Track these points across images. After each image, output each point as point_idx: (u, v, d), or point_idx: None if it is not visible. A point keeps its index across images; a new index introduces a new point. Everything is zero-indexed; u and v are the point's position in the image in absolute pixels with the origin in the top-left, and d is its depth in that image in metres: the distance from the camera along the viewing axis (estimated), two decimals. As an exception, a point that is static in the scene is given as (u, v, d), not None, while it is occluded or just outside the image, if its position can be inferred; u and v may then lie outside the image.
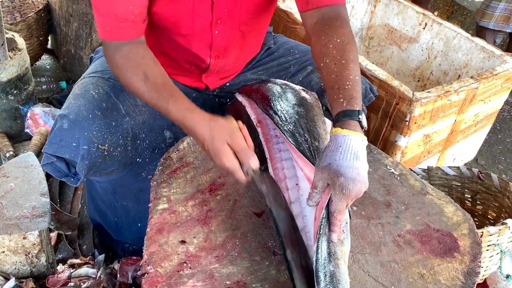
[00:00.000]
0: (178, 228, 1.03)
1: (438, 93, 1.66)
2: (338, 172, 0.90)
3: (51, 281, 1.37)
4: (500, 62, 1.93)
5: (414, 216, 1.10)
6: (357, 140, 0.95)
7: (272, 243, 1.00)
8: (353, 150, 0.93)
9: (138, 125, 1.30)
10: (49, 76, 2.67)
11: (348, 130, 0.96)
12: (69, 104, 1.23)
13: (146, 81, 1.11)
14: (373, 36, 2.54)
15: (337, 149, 0.93)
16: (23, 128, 2.19)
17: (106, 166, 1.25)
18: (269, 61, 1.54)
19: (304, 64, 1.50)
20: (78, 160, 1.18)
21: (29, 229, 1.27)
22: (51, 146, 1.19)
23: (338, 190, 0.90)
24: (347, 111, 0.99)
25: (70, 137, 1.18)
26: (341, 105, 1.01)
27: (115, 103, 1.27)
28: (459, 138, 1.99)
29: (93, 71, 1.36)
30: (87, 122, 1.20)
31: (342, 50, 1.10)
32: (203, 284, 0.91)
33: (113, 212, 1.53)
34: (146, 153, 1.33)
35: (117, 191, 1.46)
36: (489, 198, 1.58)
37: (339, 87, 1.04)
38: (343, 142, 0.94)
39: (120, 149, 1.26)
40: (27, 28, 2.45)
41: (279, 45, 1.58)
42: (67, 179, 1.25)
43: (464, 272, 0.97)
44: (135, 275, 1.44)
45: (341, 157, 0.92)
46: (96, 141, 1.20)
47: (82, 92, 1.26)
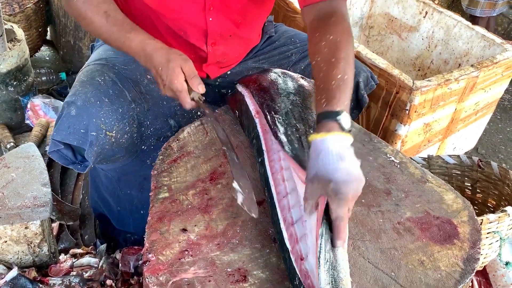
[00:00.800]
0: (179, 216, 1.04)
1: (438, 82, 1.65)
2: (326, 178, 0.85)
3: (53, 271, 1.38)
4: (501, 50, 1.92)
5: (414, 204, 1.11)
6: (336, 140, 0.90)
7: (273, 231, 1.01)
8: (335, 152, 0.88)
9: (143, 113, 1.31)
10: (49, 67, 2.66)
11: (324, 133, 0.91)
12: (75, 91, 1.23)
13: (108, 18, 1.17)
14: (373, 25, 2.53)
15: (318, 156, 0.89)
16: (23, 119, 2.19)
17: (113, 153, 1.26)
18: (271, 49, 1.53)
19: (305, 53, 1.50)
20: (87, 146, 1.18)
21: (31, 219, 1.28)
22: (59, 133, 1.18)
23: (332, 196, 0.85)
24: (325, 113, 0.95)
25: (78, 123, 1.18)
26: (321, 107, 0.97)
27: (121, 89, 1.27)
28: (459, 127, 1.99)
29: (97, 58, 1.36)
30: (95, 108, 1.20)
31: (334, 48, 1.06)
32: (205, 272, 0.91)
33: (116, 201, 1.53)
34: (151, 141, 1.33)
35: (121, 179, 1.47)
36: (489, 186, 1.58)
37: (324, 86, 1.01)
38: (323, 147, 0.89)
39: (126, 136, 1.26)
40: (25, 19, 2.44)
41: (280, 34, 1.58)
42: (74, 166, 1.25)
43: (464, 258, 0.97)
44: (137, 264, 1.45)
45: (325, 162, 0.87)
46: (104, 127, 1.20)
47: (88, 79, 1.26)
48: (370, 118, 1.81)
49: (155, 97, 1.34)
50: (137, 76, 1.33)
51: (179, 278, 0.90)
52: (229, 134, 1.10)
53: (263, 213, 1.05)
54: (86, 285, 1.33)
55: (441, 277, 0.93)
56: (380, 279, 0.92)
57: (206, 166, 1.18)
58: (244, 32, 1.40)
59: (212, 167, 1.18)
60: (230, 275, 0.91)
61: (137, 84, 1.32)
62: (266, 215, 1.04)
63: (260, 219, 1.03)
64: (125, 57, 1.34)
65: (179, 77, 1.11)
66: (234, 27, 1.35)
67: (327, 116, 0.95)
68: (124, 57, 1.34)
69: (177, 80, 1.10)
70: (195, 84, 1.12)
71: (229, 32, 1.35)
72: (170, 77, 1.10)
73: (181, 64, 1.11)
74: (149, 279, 0.89)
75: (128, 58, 1.33)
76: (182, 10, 1.26)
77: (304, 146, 1.09)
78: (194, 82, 1.12)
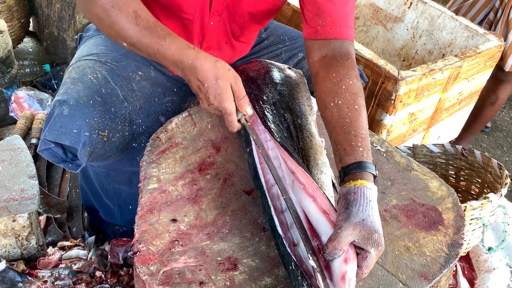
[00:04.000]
0: (169, 207, 1.04)
1: (423, 72, 1.68)
2: (372, 228, 0.86)
3: (42, 263, 1.38)
4: (484, 40, 1.95)
5: (400, 192, 1.13)
6: (376, 194, 0.93)
7: (262, 220, 1.02)
8: (377, 206, 0.91)
9: (135, 111, 1.28)
10: (32, 59, 2.63)
11: (371, 184, 0.93)
12: (67, 89, 1.19)
13: (138, 19, 1.05)
14: (359, 16, 2.54)
15: (368, 204, 0.89)
16: (7, 112, 2.16)
17: (104, 152, 1.24)
18: (260, 49, 1.53)
19: (294, 51, 1.51)
20: (80, 147, 1.15)
21: (18, 212, 1.27)
22: (51, 133, 1.14)
23: (373, 247, 0.85)
24: (367, 163, 0.96)
25: (71, 123, 1.14)
26: (361, 155, 0.97)
27: (113, 88, 1.25)
28: (443, 116, 2.02)
29: (88, 53, 1.33)
30: (88, 108, 1.16)
31: (355, 94, 1.06)
32: (195, 261, 0.92)
33: (105, 194, 1.53)
34: (142, 138, 1.31)
35: (110, 175, 1.45)
36: (472, 174, 1.62)
37: (356, 134, 1.00)
38: (372, 197, 0.91)
39: (118, 134, 1.24)
40: (7, 10, 2.40)
41: (269, 32, 1.58)
42: (64, 164, 1.21)
43: (448, 244, 1.00)
44: (126, 256, 1.45)
45: (373, 213, 0.88)
46: (97, 127, 1.17)
47: (80, 76, 1.23)
48: (356, 108, 1.83)
49: (146, 94, 1.32)
50: (129, 73, 1.31)
51: (170, 267, 0.90)
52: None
53: (252, 202, 1.06)
54: (75, 277, 1.33)
55: (427, 262, 0.95)
56: (367, 265, 0.94)
57: (195, 157, 1.18)
58: (239, 43, 1.40)
59: (201, 158, 1.18)
60: (221, 264, 0.92)
61: (129, 82, 1.29)
62: (255, 204, 1.05)
63: (249, 208, 1.05)
64: (117, 53, 1.32)
65: (230, 98, 1.04)
66: (231, 37, 1.34)
67: (367, 167, 0.95)
68: (115, 53, 1.32)
69: (228, 102, 1.04)
70: (243, 107, 1.07)
71: (225, 39, 1.34)
72: (220, 97, 1.04)
73: (231, 82, 1.05)
74: (140, 269, 0.90)
75: (120, 54, 1.32)
76: (195, 12, 1.23)
77: (292, 135, 1.10)
78: (243, 105, 1.07)
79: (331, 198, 0.98)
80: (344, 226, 0.85)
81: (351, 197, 0.91)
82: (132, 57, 1.33)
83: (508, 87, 2.38)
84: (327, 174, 1.02)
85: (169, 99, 1.37)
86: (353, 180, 0.93)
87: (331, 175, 1.04)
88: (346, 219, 0.87)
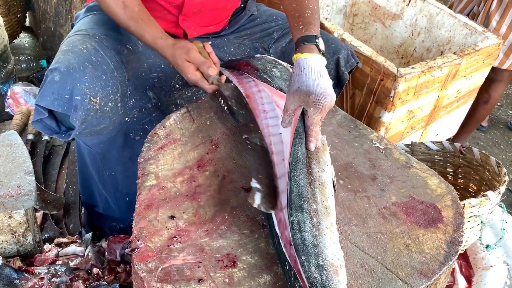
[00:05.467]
0: (167, 203, 1.03)
1: (422, 69, 1.67)
2: (308, 91, 1.03)
3: (38, 260, 1.37)
4: (482, 38, 1.95)
5: (399, 189, 1.12)
6: (317, 60, 1.09)
7: (261, 217, 1.01)
8: (316, 69, 1.06)
9: (125, 82, 1.31)
10: (29, 54, 2.61)
11: (307, 53, 1.09)
12: (58, 59, 1.22)
13: (125, 9, 1.24)
14: (357, 13, 2.53)
15: (302, 72, 1.06)
16: (3, 107, 2.15)
17: (97, 122, 1.25)
18: (252, 26, 1.56)
19: (286, 31, 1.54)
20: (71, 112, 1.16)
21: (15, 208, 1.26)
22: (44, 99, 1.15)
23: (312, 106, 1.03)
24: (305, 37, 1.13)
25: (63, 89, 1.16)
26: (300, 32, 1.14)
27: (104, 57, 1.27)
28: (442, 113, 2.02)
29: (77, 30, 1.35)
30: (78, 73, 1.19)
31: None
32: (194, 258, 0.92)
33: (102, 184, 1.52)
34: (133, 112, 1.34)
35: (106, 157, 1.45)
36: (470, 171, 1.62)
37: (299, 15, 1.18)
38: (306, 65, 1.07)
39: (111, 104, 1.26)
40: (4, 4, 2.39)
41: (261, 12, 1.61)
42: (58, 135, 1.23)
43: (447, 241, 1.00)
44: (123, 252, 1.44)
45: (307, 78, 1.05)
46: (88, 92, 1.19)
47: (69, 48, 1.25)
48: (355, 105, 1.83)
49: (134, 67, 1.35)
50: (118, 45, 1.34)
51: (168, 264, 0.90)
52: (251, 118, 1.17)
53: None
54: (72, 274, 1.32)
55: (426, 259, 0.95)
56: (366, 263, 0.94)
57: (193, 153, 1.18)
58: None
59: (200, 154, 1.17)
60: (219, 261, 0.91)
61: (118, 53, 1.32)
62: (254, 201, 1.05)
63: (248, 206, 1.04)
64: (104, 28, 1.35)
65: (190, 69, 1.21)
66: None
67: (307, 39, 1.13)
68: (103, 27, 1.35)
69: (189, 73, 1.22)
70: (204, 70, 1.21)
71: None
72: (183, 73, 1.23)
73: (185, 57, 1.21)
74: (138, 266, 0.89)
75: (108, 28, 1.35)
76: None
77: None
78: (204, 69, 1.21)
79: (331, 196, 0.97)
80: (286, 97, 1.07)
81: (292, 70, 1.10)
82: (121, 31, 1.36)
83: (500, 85, 2.38)
84: (328, 173, 1.01)
85: (156, 75, 1.42)
86: (293, 56, 1.12)
87: (331, 173, 1.04)
88: (288, 91, 1.08)
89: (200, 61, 1.22)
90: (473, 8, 2.33)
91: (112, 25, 1.36)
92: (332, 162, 1.09)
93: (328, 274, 0.80)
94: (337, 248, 0.87)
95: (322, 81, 1.05)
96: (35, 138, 1.96)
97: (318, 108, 1.03)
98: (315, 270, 0.81)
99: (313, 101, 1.03)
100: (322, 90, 1.03)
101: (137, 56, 1.38)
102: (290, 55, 1.43)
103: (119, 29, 1.37)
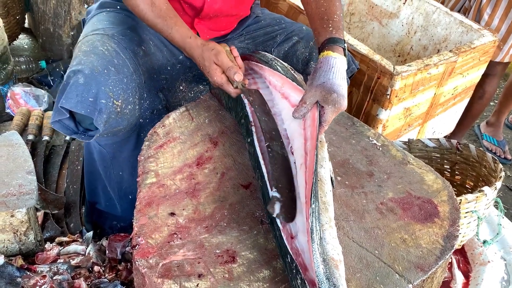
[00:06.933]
0: (167, 201, 1.05)
1: (418, 67, 1.69)
2: (331, 89, 1.06)
3: (40, 258, 1.38)
4: (478, 36, 1.97)
5: (396, 185, 1.14)
6: (344, 63, 1.13)
7: (260, 213, 1.03)
8: (342, 71, 1.11)
9: (141, 84, 1.33)
10: (28, 55, 2.62)
11: (337, 54, 1.13)
12: (80, 60, 1.22)
13: (153, 6, 1.25)
14: (354, 12, 2.55)
15: (330, 69, 1.09)
16: (3, 108, 2.16)
17: (116, 124, 1.26)
18: (257, 29, 1.57)
19: (290, 35, 1.54)
20: (95, 115, 1.17)
21: (16, 207, 1.27)
22: (68, 101, 1.16)
23: (331, 104, 1.07)
24: (336, 38, 1.16)
25: (87, 92, 1.17)
26: (331, 33, 1.18)
27: (124, 59, 1.29)
28: (438, 111, 2.04)
29: (94, 29, 1.35)
30: (103, 77, 1.20)
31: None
32: (194, 254, 0.93)
33: (108, 181, 1.53)
34: (147, 114, 1.36)
35: (116, 157, 1.46)
36: (467, 168, 1.63)
37: (328, 18, 1.21)
38: (335, 64, 1.10)
39: (130, 106, 1.27)
40: (3, 6, 2.40)
41: (265, 15, 1.63)
42: (77, 135, 1.24)
43: (444, 236, 1.01)
44: (124, 251, 1.46)
45: (334, 77, 1.08)
46: (112, 96, 1.20)
47: (91, 49, 1.26)
48: (352, 103, 1.84)
49: (148, 69, 1.37)
50: (134, 47, 1.35)
51: (169, 260, 0.91)
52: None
53: (249, 196, 1.07)
54: (74, 272, 1.33)
55: (423, 254, 0.97)
56: (364, 257, 0.95)
57: (193, 151, 1.19)
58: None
59: (199, 152, 1.19)
60: (219, 257, 0.93)
61: (135, 55, 1.34)
62: (253, 198, 1.06)
63: (247, 202, 1.06)
64: (121, 27, 1.35)
65: (217, 72, 1.22)
66: None
67: (337, 41, 1.16)
68: (120, 26, 1.36)
69: (216, 75, 1.22)
70: (231, 76, 1.22)
71: None
72: (209, 75, 1.23)
73: (214, 60, 1.22)
74: (139, 262, 0.91)
75: (124, 28, 1.36)
76: None
77: None
78: (230, 74, 1.22)
79: (329, 192, 0.99)
80: (307, 89, 1.09)
81: (318, 66, 1.12)
82: (135, 31, 1.38)
83: (493, 80, 2.39)
84: (326, 169, 1.03)
85: (163, 77, 1.44)
86: (322, 52, 1.14)
87: (330, 169, 1.05)
88: (310, 84, 1.10)
89: (228, 65, 1.22)
90: (464, 3, 2.35)
91: (128, 24, 1.38)
92: (330, 159, 1.10)
93: (330, 268, 0.82)
94: (336, 243, 0.88)
95: (344, 84, 1.09)
96: (35, 139, 1.97)
97: (336, 108, 1.07)
98: None
99: (333, 100, 1.06)
100: (344, 92, 1.08)
101: (150, 58, 1.39)
102: (292, 59, 1.49)
103: (134, 28, 1.38)
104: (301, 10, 1.95)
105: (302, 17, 1.94)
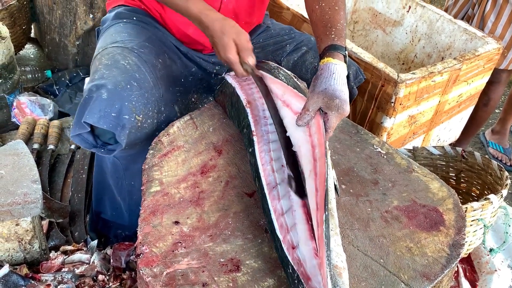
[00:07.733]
0: (171, 209, 1.05)
1: (422, 74, 1.69)
2: (333, 95, 1.07)
3: (45, 267, 1.38)
4: (482, 43, 1.96)
5: (401, 193, 1.13)
6: (344, 69, 1.15)
7: (264, 222, 1.02)
8: (343, 77, 1.12)
9: (160, 98, 1.33)
10: (34, 65, 2.64)
11: (338, 60, 1.15)
12: (102, 74, 1.22)
13: None
14: (358, 21, 2.56)
15: (331, 75, 1.11)
16: (9, 117, 2.17)
17: (135, 138, 1.26)
18: (267, 38, 1.59)
19: (299, 45, 1.56)
20: (118, 130, 1.18)
21: (21, 216, 1.28)
22: (92, 116, 1.16)
23: (334, 110, 1.07)
24: (337, 45, 1.18)
25: (110, 107, 1.17)
26: (332, 40, 1.19)
27: (145, 74, 1.29)
28: (443, 119, 2.03)
29: (113, 41, 1.36)
30: (126, 92, 1.20)
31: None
32: (198, 262, 0.93)
33: (118, 191, 1.53)
34: (163, 127, 1.36)
35: (129, 168, 1.46)
36: (472, 176, 1.62)
37: (332, 25, 1.23)
38: (335, 70, 1.12)
39: (150, 121, 1.28)
40: (9, 17, 2.42)
41: (275, 25, 1.65)
42: (96, 150, 1.25)
43: (450, 244, 1.00)
44: (128, 259, 1.46)
45: (335, 83, 1.09)
46: (134, 111, 1.21)
47: (112, 62, 1.26)
48: (357, 111, 1.84)
49: (166, 82, 1.37)
50: (153, 60, 1.35)
51: (173, 269, 0.91)
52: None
53: (254, 204, 1.07)
54: (78, 281, 1.33)
55: (428, 262, 0.96)
56: (369, 266, 0.95)
57: (197, 160, 1.19)
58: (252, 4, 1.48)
59: (203, 160, 1.19)
60: (223, 265, 0.93)
61: (154, 69, 1.34)
62: (257, 206, 1.06)
63: (251, 210, 1.05)
64: (139, 39, 1.36)
65: (232, 50, 1.21)
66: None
67: (338, 48, 1.18)
68: (138, 39, 1.36)
69: (231, 53, 1.21)
70: (245, 57, 1.22)
71: None
72: (224, 49, 1.22)
73: (234, 38, 1.21)
74: (144, 271, 0.91)
75: (142, 40, 1.37)
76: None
77: None
78: (245, 55, 1.22)
79: (333, 199, 0.98)
80: (309, 96, 1.10)
81: (319, 72, 1.13)
82: (152, 43, 1.39)
83: (498, 87, 2.39)
84: (329, 176, 1.02)
85: (177, 89, 1.44)
86: (322, 59, 1.16)
87: (333, 176, 1.05)
88: (312, 90, 1.10)
89: (246, 46, 1.22)
90: (467, 11, 2.35)
91: (145, 36, 1.38)
92: (334, 167, 1.10)
93: (333, 276, 0.81)
94: (340, 250, 0.88)
95: (346, 89, 1.10)
96: (40, 147, 1.98)
97: (339, 113, 1.08)
98: None
99: (336, 105, 1.07)
100: (346, 97, 1.09)
101: (167, 71, 1.40)
102: (301, 69, 1.50)
103: (152, 40, 1.39)
104: (304, 19, 1.95)
105: (306, 26, 1.95)
